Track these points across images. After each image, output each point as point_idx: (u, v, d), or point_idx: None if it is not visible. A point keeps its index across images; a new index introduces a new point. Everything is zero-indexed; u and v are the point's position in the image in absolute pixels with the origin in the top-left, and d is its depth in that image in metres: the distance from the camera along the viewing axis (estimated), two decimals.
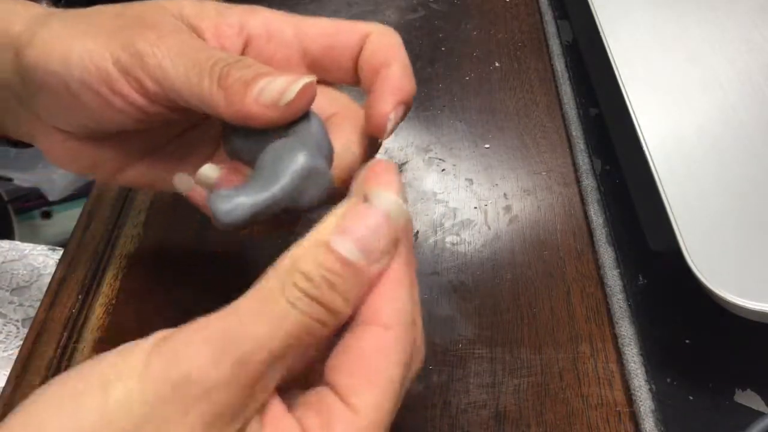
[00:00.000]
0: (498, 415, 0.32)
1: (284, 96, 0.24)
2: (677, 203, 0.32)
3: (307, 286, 0.19)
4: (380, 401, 0.20)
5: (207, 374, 0.18)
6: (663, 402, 0.31)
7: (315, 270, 0.19)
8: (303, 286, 0.19)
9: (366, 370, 0.20)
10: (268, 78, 0.24)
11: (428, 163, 0.44)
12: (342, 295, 0.20)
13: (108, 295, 0.38)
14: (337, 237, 0.20)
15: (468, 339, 0.34)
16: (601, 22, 0.42)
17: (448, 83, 0.49)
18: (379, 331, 0.20)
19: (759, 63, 0.38)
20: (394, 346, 0.20)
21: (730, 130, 0.35)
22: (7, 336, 0.51)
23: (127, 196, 0.43)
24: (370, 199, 0.21)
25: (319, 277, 0.19)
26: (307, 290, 0.19)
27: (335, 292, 0.20)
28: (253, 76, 0.24)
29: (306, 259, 0.20)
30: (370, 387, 0.20)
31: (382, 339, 0.20)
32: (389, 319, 0.21)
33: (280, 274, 0.20)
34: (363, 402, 0.19)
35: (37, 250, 0.60)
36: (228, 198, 0.23)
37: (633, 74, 0.39)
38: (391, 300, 0.21)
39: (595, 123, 0.44)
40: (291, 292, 0.19)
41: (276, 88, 0.24)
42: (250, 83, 0.24)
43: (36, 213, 1.28)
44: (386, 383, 0.20)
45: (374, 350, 0.20)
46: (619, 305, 0.34)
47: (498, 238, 0.39)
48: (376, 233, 0.20)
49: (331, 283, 0.19)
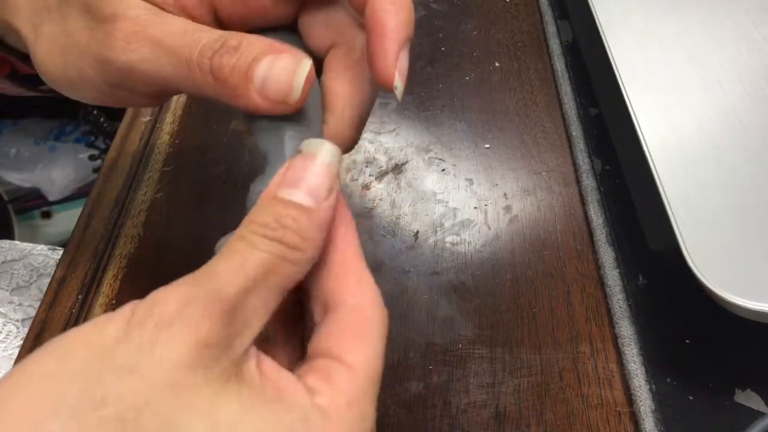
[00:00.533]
0: (498, 415, 0.32)
1: (292, 93, 0.23)
2: (677, 203, 0.32)
3: (264, 230, 0.20)
4: (371, 359, 0.21)
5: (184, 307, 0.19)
6: (663, 402, 0.31)
7: (269, 217, 0.21)
8: (260, 231, 0.20)
9: (352, 334, 0.21)
10: (265, 62, 0.23)
11: (428, 163, 0.44)
12: (298, 233, 0.21)
13: (108, 295, 0.38)
14: (284, 188, 0.21)
15: (468, 339, 0.34)
16: (601, 22, 0.42)
17: (448, 83, 0.49)
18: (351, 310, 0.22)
19: (759, 63, 0.38)
20: (371, 315, 0.22)
21: (730, 130, 0.35)
22: (7, 336, 0.51)
23: (127, 195, 0.43)
24: (305, 151, 0.22)
25: (273, 221, 0.21)
26: (264, 233, 0.20)
27: (290, 230, 0.21)
28: (248, 63, 0.23)
29: (259, 212, 0.21)
30: (360, 347, 0.21)
31: (359, 313, 0.22)
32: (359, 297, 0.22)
33: (241, 230, 0.21)
34: (356, 359, 0.21)
35: (37, 250, 0.60)
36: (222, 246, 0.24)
37: (633, 74, 0.38)
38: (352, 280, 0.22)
39: (595, 123, 0.44)
40: (251, 238, 0.20)
41: (279, 81, 0.23)
42: (248, 73, 0.23)
43: (36, 213, 1.28)
44: (373, 343, 0.21)
45: (355, 322, 0.21)
46: (619, 305, 0.34)
47: (498, 238, 0.39)
48: (317, 177, 0.22)
49: (284, 224, 0.21)
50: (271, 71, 0.23)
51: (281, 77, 0.23)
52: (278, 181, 0.22)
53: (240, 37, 0.24)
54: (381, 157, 0.44)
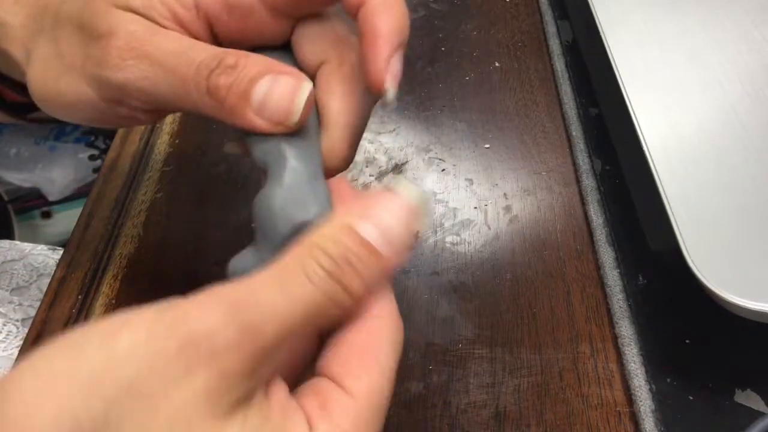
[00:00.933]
0: (498, 415, 0.32)
1: (292, 116, 0.23)
2: (677, 203, 0.32)
3: (327, 263, 0.19)
4: (375, 386, 0.20)
5: (215, 335, 0.17)
6: (663, 402, 0.31)
7: (336, 249, 0.19)
8: (323, 262, 0.19)
9: (359, 357, 0.20)
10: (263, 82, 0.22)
11: (428, 163, 0.44)
12: (359, 277, 0.19)
13: (108, 295, 0.38)
14: (360, 221, 0.20)
15: (468, 339, 0.34)
16: (601, 22, 0.42)
17: (448, 83, 0.49)
18: (368, 320, 0.21)
19: (759, 63, 0.38)
20: (384, 332, 0.21)
21: (730, 130, 0.35)
22: (7, 336, 0.51)
23: (127, 195, 0.43)
24: (397, 190, 0.21)
25: (340, 255, 0.19)
26: (326, 266, 0.19)
27: (354, 272, 0.19)
28: (245, 84, 0.23)
29: (328, 239, 0.19)
30: (364, 372, 0.20)
31: (372, 327, 0.21)
32: (377, 309, 0.21)
33: (301, 252, 0.19)
34: (358, 386, 0.19)
35: (37, 250, 0.60)
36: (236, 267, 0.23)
37: (633, 74, 0.38)
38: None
39: (595, 123, 0.44)
40: (310, 267, 0.19)
41: (278, 101, 0.22)
42: (245, 94, 0.23)
43: (36, 213, 1.28)
44: (380, 369, 0.20)
45: (366, 338, 0.20)
46: (619, 305, 0.34)
47: (498, 238, 0.39)
48: (399, 221, 0.20)
49: (350, 262, 0.19)
50: (270, 92, 0.23)
51: (281, 99, 0.23)
52: (359, 211, 0.20)
53: (237, 55, 0.23)
54: (381, 157, 0.44)
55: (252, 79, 0.23)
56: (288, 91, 0.23)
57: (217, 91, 0.23)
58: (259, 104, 0.23)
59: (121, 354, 0.17)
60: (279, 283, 0.19)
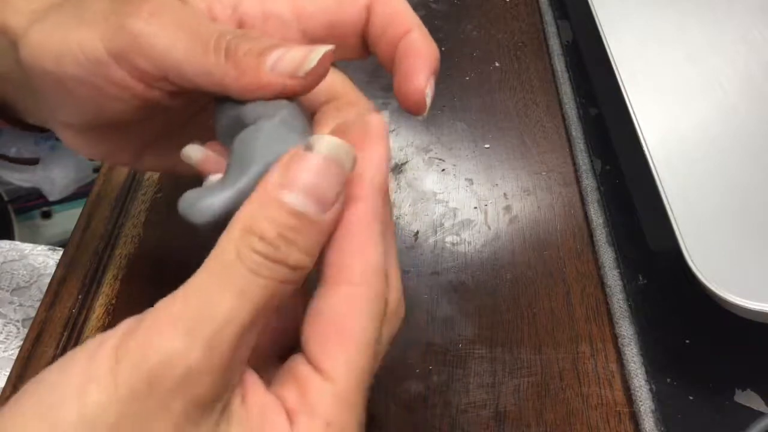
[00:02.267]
0: (498, 415, 0.32)
1: (304, 65, 0.23)
2: (677, 203, 0.32)
3: (266, 249, 0.18)
4: (353, 363, 0.19)
5: (180, 363, 0.17)
6: (663, 402, 0.31)
7: (270, 229, 0.19)
8: (261, 250, 0.18)
9: (336, 333, 0.20)
10: (282, 48, 0.23)
11: (428, 163, 0.44)
12: (302, 250, 0.19)
13: (108, 295, 0.38)
14: (285, 190, 0.19)
15: (468, 339, 0.34)
16: (601, 22, 0.42)
17: (448, 83, 0.49)
18: (345, 290, 0.20)
19: (759, 63, 0.38)
20: (362, 303, 0.20)
21: (730, 129, 0.35)
22: (7, 336, 0.51)
23: (127, 196, 0.43)
24: (312, 145, 0.20)
25: (276, 235, 0.19)
26: (266, 253, 0.18)
27: (295, 248, 0.19)
28: (265, 47, 0.23)
29: (257, 218, 0.19)
30: (341, 350, 0.19)
31: (349, 298, 0.20)
32: (355, 276, 0.20)
33: (235, 240, 0.19)
34: (336, 367, 0.19)
35: (37, 250, 0.60)
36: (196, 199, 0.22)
37: (633, 74, 0.39)
38: (355, 254, 0.20)
39: (595, 123, 0.44)
40: (250, 258, 0.18)
41: (293, 57, 0.23)
42: (263, 54, 0.23)
43: (36, 213, 1.28)
44: (358, 344, 0.20)
45: (342, 311, 0.20)
46: (619, 305, 0.34)
47: (498, 238, 0.39)
48: (325, 179, 0.19)
49: (288, 239, 0.19)
50: (286, 53, 0.23)
51: (295, 55, 0.23)
52: (277, 178, 0.19)
53: (262, 34, 0.24)
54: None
55: (272, 45, 0.23)
56: (304, 50, 0.23)
57: (236, 51, 0.23)
58: (273, 62, 0.23)
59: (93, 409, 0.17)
60: (224, 283, 0.18)
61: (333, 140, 0.20)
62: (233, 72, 0.23)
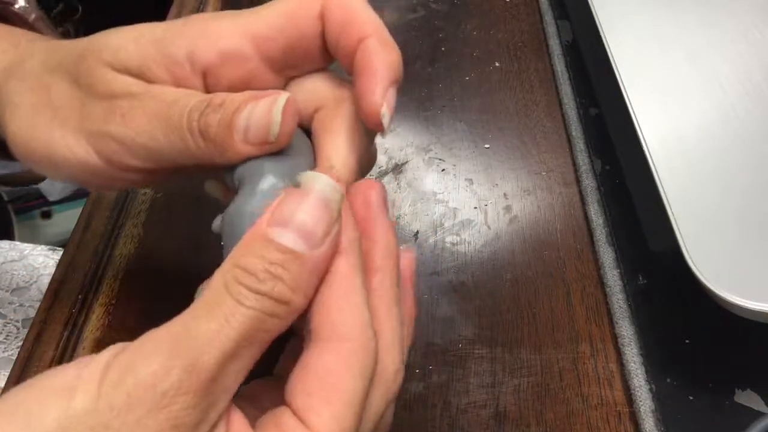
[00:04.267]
0: (498, 415, 0.32)
1: (271, 129, 0.23)
2: (677, 203, 0.32)
3: (251, 281, 0.19)
4: (339, 419, 0.19)
5: (159, 382, 0.17)
6: (663, 402, 0.31)
7: (257, 264, 0.19)
8: (247, 282, 0.19)
9: (322, 387, 0.20)
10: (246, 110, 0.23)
11: (428, 163, 0.44)
12: (289, 285, 0.19)
13: (108, 295, 0.38)
14: (272, 227, 0.19)
15: (468, 339, 0.34)
16: (601, 22, 0.42)
17: (448, 83, 0.49)
18: (332, 346, 0.20)
19: (759, 63, 0.38)
20: (349, 360, 0.20)
21: (730, 130, 0.35)
22: (7, 336, 0.51)
23: (127, 196, 0.43)
24: (302, 184, 0.20)
25: (262, 270, 0.19)
26: (251, 285, 0.19)
27: (281, 283, 0.19)
28: (230, 114, 0.23)
29: (246, 255, 0.19)
30: (327, 405, 0.19)
31: (336, 354, 0.20)
32: (342, 333, 0.20)
33: (224, 274, 0.19)
34: (320, 420, 0.19)
35: (37, 250, 0.61)
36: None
37: (633, 74, 0.38)
38: (341, 311, 0.20)
39: (595, 123, 0.44)
40: (235, 289, 0.19)
41: (258, 121, 0.23)
42: (231, 124, 0.23)
43: (36, 213, 1.28)
44: (344, 400, 0.20)
45: (329, 366, 0.20)
46: (619, 305, 0.34)
47: (498, 238, 0.39)
48: (313, 217, 0.20)
49: (274, 275, 0.19)
50: (252, 116, 0.23)
51: (261, 117, 0.23)
52: (268, 217, 0.20)
53: (224, 95, 0.24)
54: (381, 157, 0.44)
55: (236, 109, 0.23)
56: (267, 108, 0.23)
57: (208, 129, 0.23)
58: (244, 130, 0.23)
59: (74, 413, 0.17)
60: (209, 312, 0.19)
61: (319, 177, 0.20)
62: (214, 150, 0.23)
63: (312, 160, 0.25)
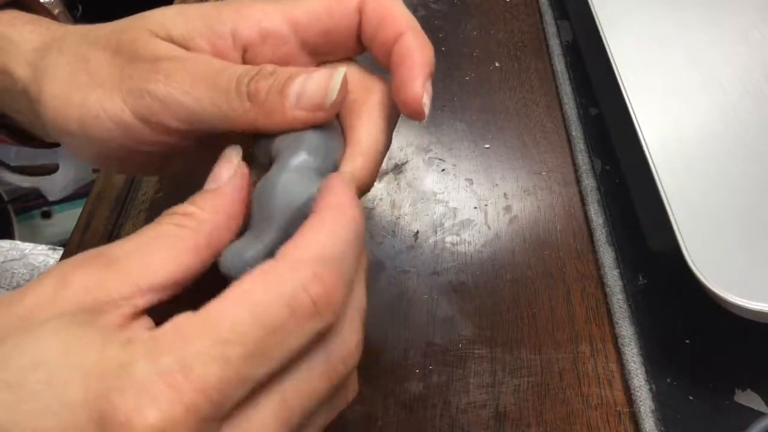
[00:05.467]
0: (498, 415, 0.32)
1: (329, 96, 0.24)
2: (677, 203, 0.32)
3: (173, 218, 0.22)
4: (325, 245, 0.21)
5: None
6: (663, 402, 0.31)
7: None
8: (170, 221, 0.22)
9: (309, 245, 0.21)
10: (301, 78, 0.24)
11: (428, 163, 0.44)
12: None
13: None
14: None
15: (468, 339, 0.34)
16: (601, 22, 0.42)
17: (448, 83, 0.49)
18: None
19: (759, 63, 0.38)
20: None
21: (730, 130, 0.35)
22: None
23: (127, 196, 0.43)
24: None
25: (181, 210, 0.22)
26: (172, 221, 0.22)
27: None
28: (284, 81, 0.24)
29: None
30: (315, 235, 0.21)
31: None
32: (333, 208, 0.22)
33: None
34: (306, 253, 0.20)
35: (37, 250, 0.61)
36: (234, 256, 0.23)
37: (633, 74, 0.39)
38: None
39: (595, 123, 0.44)
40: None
41: (315, 90, 0.24)
42: (284, 89, 0.24)
43: (36, 213, 1.28)
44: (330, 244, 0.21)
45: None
46: (619, 305, 0.34)
47: (498, 238, 0.39)
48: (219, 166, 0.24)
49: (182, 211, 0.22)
50: (306, 84, 0.24)
51: (317, 86, 0.24)
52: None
53: (274, 66, 0.25)
54: None
55: (290, 77, 0.24)
56: (324, 78, 0.24)
57: (257, 93, 0.24)
58: (296, 97, 0.24)
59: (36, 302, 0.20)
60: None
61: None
62: (260, 114, 0.24)
63: (343, 143, 0.26)
